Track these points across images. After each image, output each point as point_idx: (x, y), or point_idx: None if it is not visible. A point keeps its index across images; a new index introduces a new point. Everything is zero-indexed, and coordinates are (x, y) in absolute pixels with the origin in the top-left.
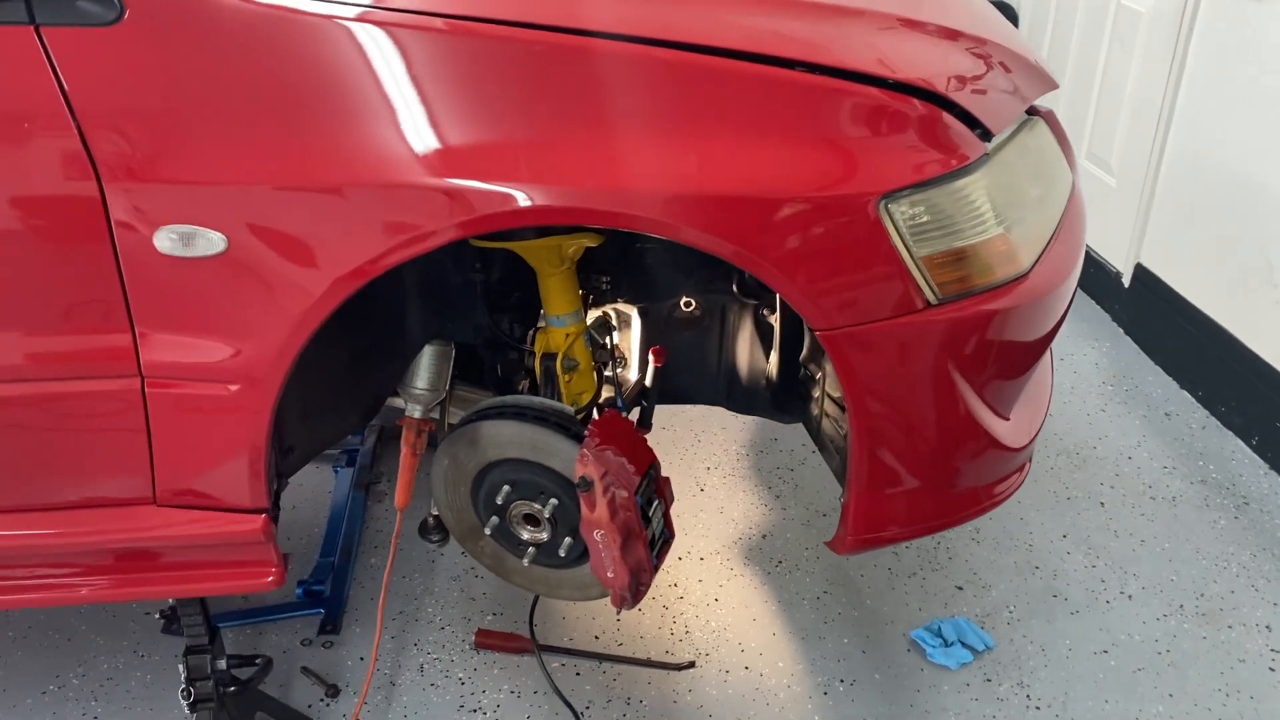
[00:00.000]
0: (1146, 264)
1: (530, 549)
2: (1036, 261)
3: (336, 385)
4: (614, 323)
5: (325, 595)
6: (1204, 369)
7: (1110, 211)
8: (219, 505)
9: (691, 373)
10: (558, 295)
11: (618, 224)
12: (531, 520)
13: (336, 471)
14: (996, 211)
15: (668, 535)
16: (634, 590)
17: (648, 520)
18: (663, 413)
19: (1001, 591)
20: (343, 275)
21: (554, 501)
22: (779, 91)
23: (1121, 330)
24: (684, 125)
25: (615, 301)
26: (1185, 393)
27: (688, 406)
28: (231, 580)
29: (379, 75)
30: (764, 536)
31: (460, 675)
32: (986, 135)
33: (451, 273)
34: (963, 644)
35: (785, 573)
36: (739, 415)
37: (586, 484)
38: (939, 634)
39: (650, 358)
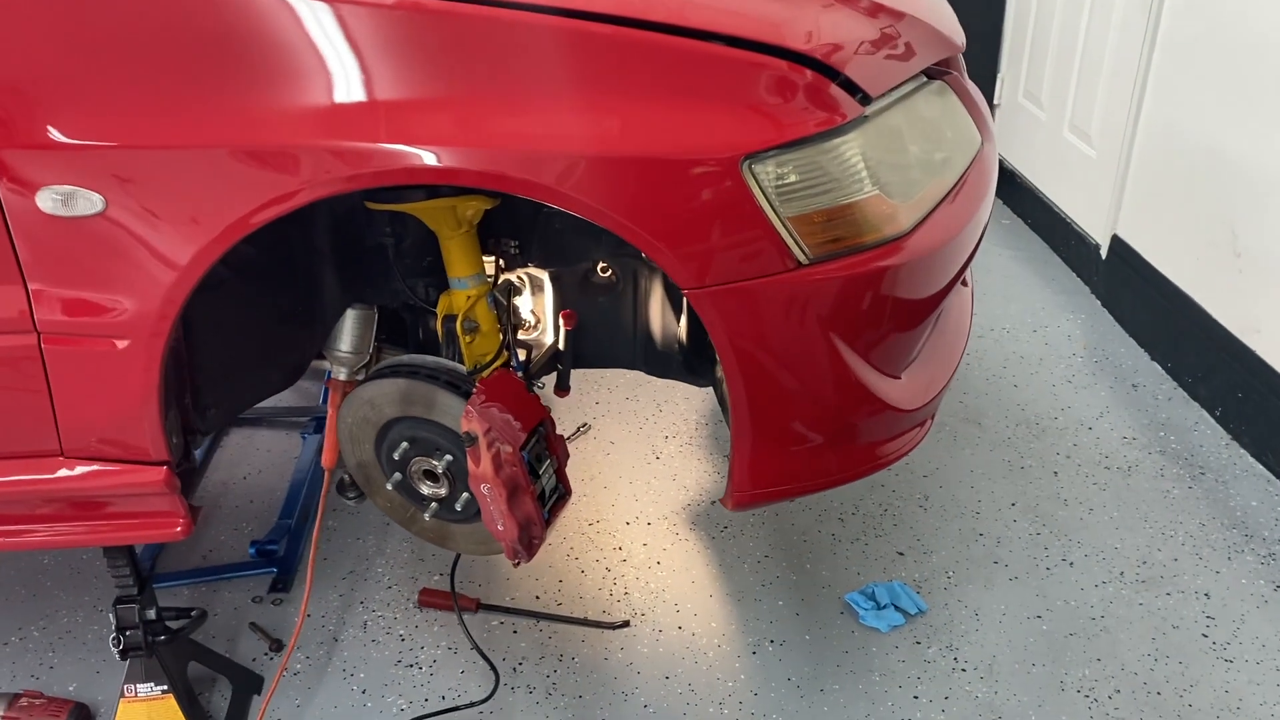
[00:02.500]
0: (1123, 235)
1: (431, 504)
2: (921, 222)
3: (256, 347)
4: (522, 286)
5: (278, 555)
6: (1173, 341)
7: (1090, 183)
8: (121, 458)
9: (608, 337)
10: (458, 257)
11: (483, 184)
12: (431, 476)
13: (304, 438)
14: (872, 172)
15: (562, 491)
16: (525, 543)
17: (536, 475)
18: (628, 383)
19: (942, 557)
20: (214, 234)
21: (449, 457)
22: (644, 55)
23: (1099, 302)
24: (547, 87)
25: (526, 266)
26: (1155, 365)
27: (654, 378)
28: (139, 530)
29: (248, 36)
30: (713, 503)
31: (401, 632)
32: (866, 99)
33: (365, 237)
34: (895, 607)
35: (730, 537)
36: (702, 387)
37: (471, 439)
38: (872, 597)
39: (561, 321)
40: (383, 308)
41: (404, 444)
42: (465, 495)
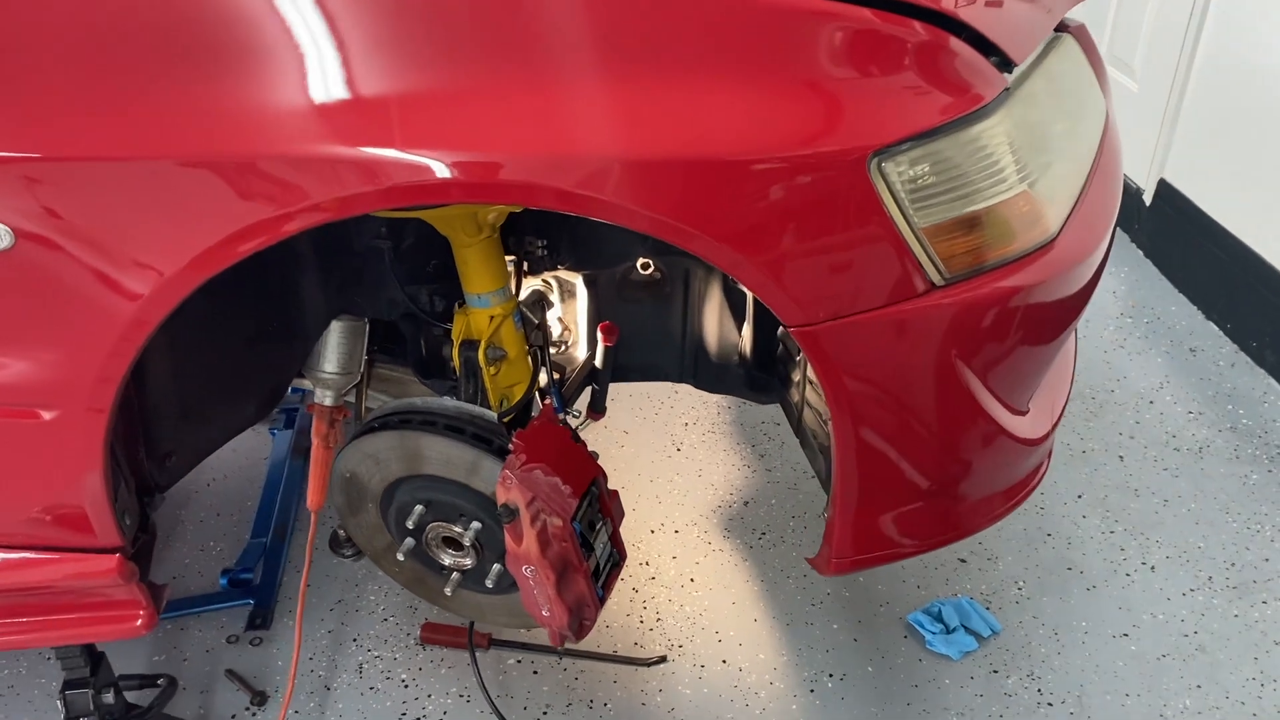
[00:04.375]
0: (1171, 180)
1: (453, 574)
2: (1066, 220)
3: (222, 377)
4: (553, 295)
5: (254, 584)
6: (1233, 298)
7: (1131, 121)
8: (65, 545)
9: (651, 347)
10: (477, 270)
11: (518, 201)
12: (453, 544)
13: (274, 435)
14: (1019, 162)
15: (617, 559)
16: (576, 628)
17: (589, 548)
18: None
19: (1009, 564)
20: (173, 273)
21: (477, 525)
22: (731, 17)
23: (1142, 254)
24: (607, 68)
25: (555, 269)
26: (1212, 324)
27: None
28: (89, 627)
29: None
30: (746, 504)
31: (403, 676)
32: (1006, 65)
33: (354, 240)
34: (966, 629)
35: (769, 546)
36: (765, 404)
37: (510, 512)
38: (939, 618)
39: (600, 336)
40: (376, 319)
41: (419, 507)
42: (497, 567)
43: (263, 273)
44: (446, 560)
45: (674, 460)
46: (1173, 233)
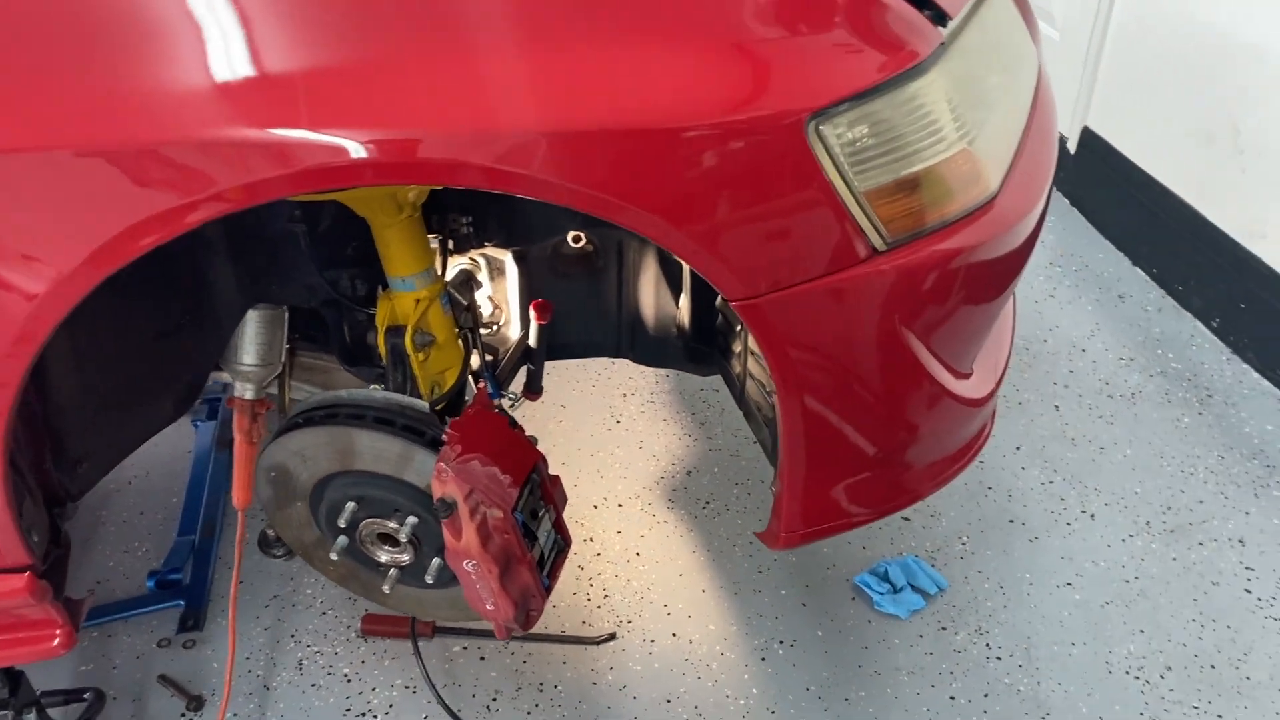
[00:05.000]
0: (1094, 128)
1: (391, 571)
2: (1006, 177)
3: (133, 375)
4: (482, 274)
5: (183, 584)
6: (1158, 244)
7: (1054, 69)
8: None
9: (586, 322)
10: (399, 252)
11: (438, 181)
12: (389, 539)
13: (197, 426)
14: (957, 119)
15: (562, 545)
16: (522, 620)
17: (533, 538)
18: None
19: (953, 520)
20: (69, 270)
21: (413, 520)
22: None
23: (1068, 202)
24: (525, 36)
25: (483, 246)
26: (1139, 270)
27: None
28: (6, 650)
29: None
30: (689, 473)
31: (345, 671)
32: (941, 18)
33: (266, 225)
34: (913, 587)
35: (714, 515)
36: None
37: (448, 507)
38: (886, 578)
39: (533, 314)
40: (296, 306)
41: (350, 504)
42: (437, 561)
43: (170, 263)
44: (383, 557)
45: (614, 433)
46: (1097, 180)
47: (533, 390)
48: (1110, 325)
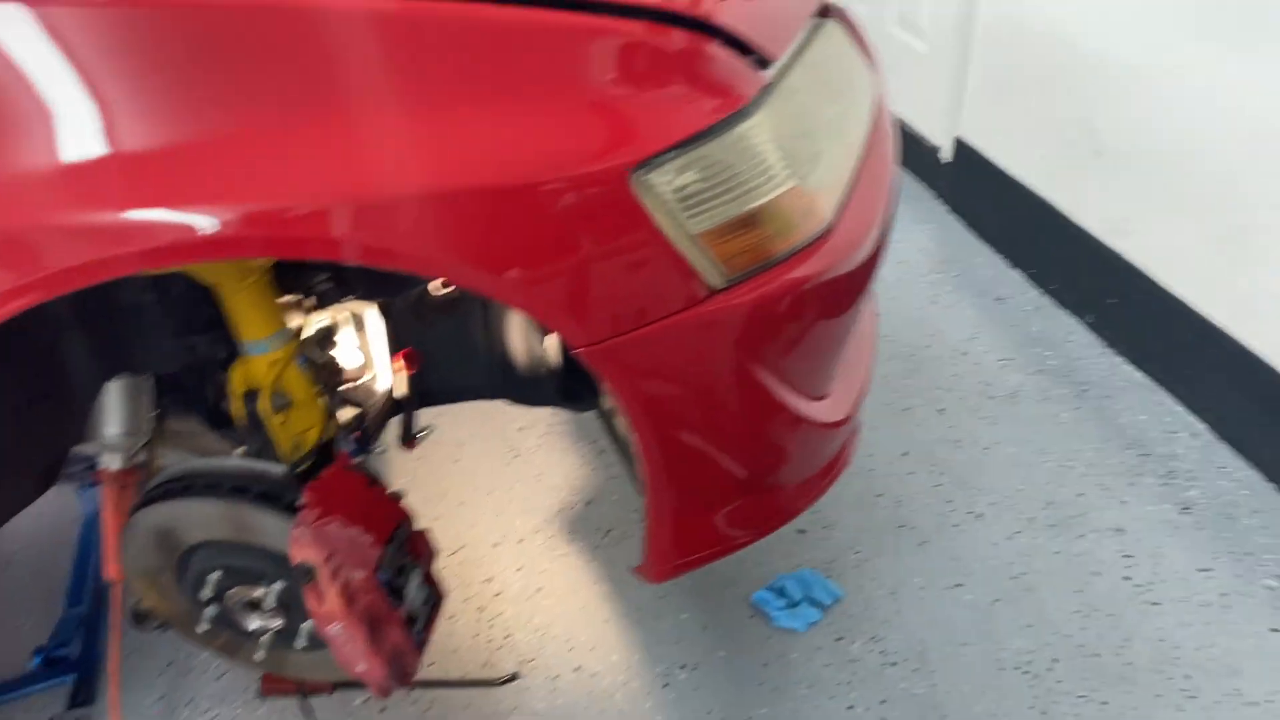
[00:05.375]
0: (965, 138)
1: (263, 637)
2: (842, 207)
3: None
4: (346, 328)
5: (73, 659)
6: (1033, 247)
7: (924, 81)
8: None
9: (457, 367)
10: (249, 317)
11: (266, 252)
12: (258, 606)
13: (81, 493)
14: (787, 156)
15: (435, 599)
16: (398, 677)
17: (400, 596)
18: None
19: (846, 530)
20: None
21: (279, 585)
22: (475, 41)
23: (947, 209)
24: (340, 101)
25: (345, 299)
26: (1016, 272)
27: None
28: None
29: None
30: (588, 503)
31: None
32: (764, 62)
33: (117, 297)
34: (809, 600)
35: (614, 543)
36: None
37: (307, 573)
38: (783, 593)
39: (400, 364)
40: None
41: (215, 574)
42: (310, 624)
43: (21, 339)
44: (254, 624)
45: (513, 467)
46: (972, 188)
47: (407, 441)
48: (991, 327)
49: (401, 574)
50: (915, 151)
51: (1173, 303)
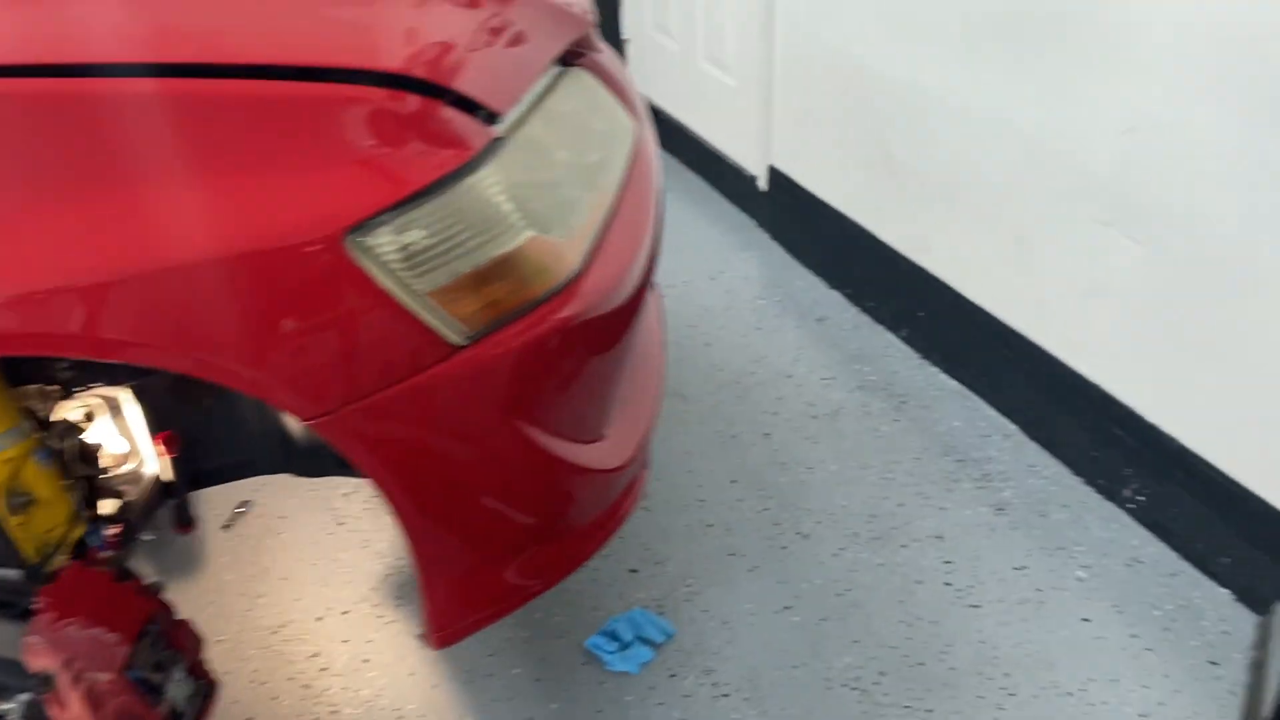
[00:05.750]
0: (778, 165)
1: None
2: (594, 250)
3: None
4: (100, 415)
5: None
6: (848, 267)
7: (736, 114)
8: None
9: (228, 445)
10: None
11: None
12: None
13: None
14: (523, 208)
15: (206, 689)
16: None
17: (158, 692)
18: None
19: (678, 563)
20: None
21: (25, 698)
22: (180, 113)
23: (769, 236)
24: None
25: (93, 386)
26: (836, 293)
27: None
28: None
29: None
30: None
31: None
32: (492, 117)
33: None
34: (641, 640)
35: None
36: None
37: (45, 682)
38: (615, 636)
39: (160, 448)
40: None
41: None
42: None
43: None
44: None
45: (337, 536)
46: (788, 214)
47: (182, 523)
48: (813, 348)
49: (160, 669)
50: (735, 182)
51: (974, 311)
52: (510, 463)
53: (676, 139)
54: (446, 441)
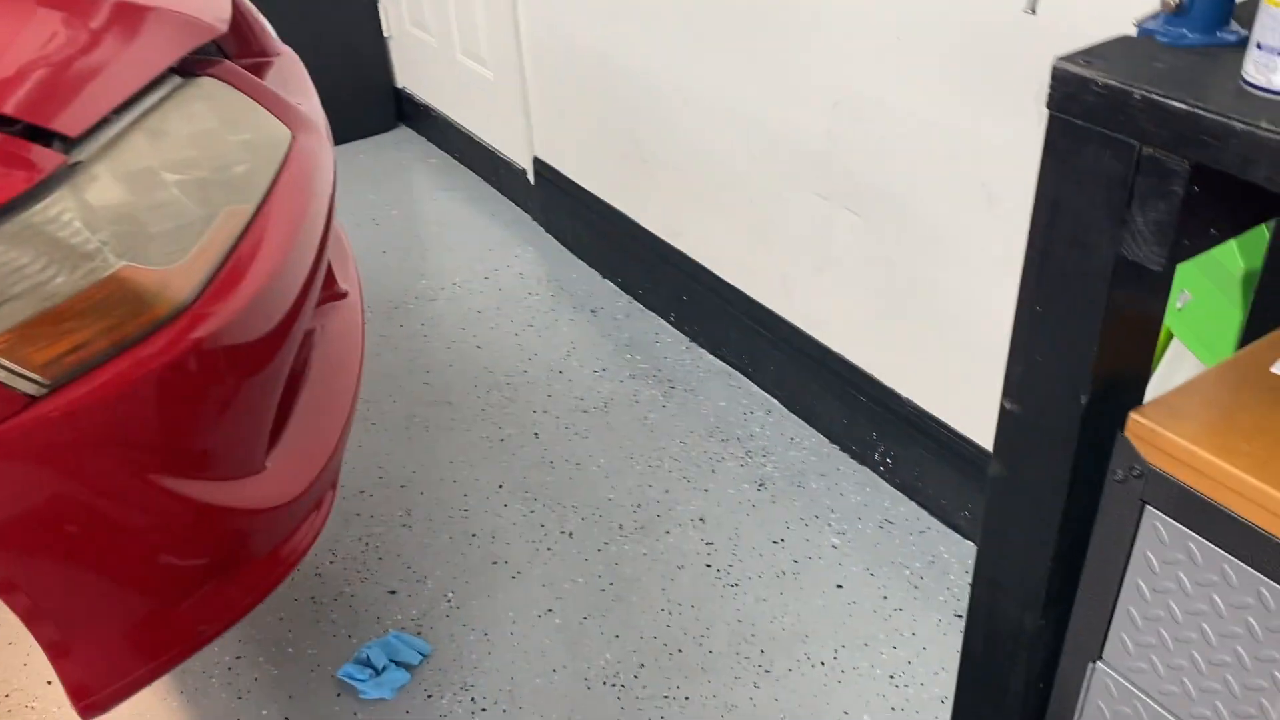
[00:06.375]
0: (542, 156)
1: None
2: (213, 277)
3: None
4: None
5: None
6: (616, 255)
7: (498, 106)
8: None
9: None
10: None
11: None
12: None
13: None
14: (110, 237)
15: None
16: None
17: None
18: None
19: (438, 578)
20: None
21: None
22: None
23: (542, 229)
24: None
25: None
26: (608, 283)
27: None
28: None
29: None
30: None
31: None
32: (64, 141)
33: None
34: (396, 663)
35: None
36: None
37: None
38: (368, 663)
39: None
40: None
41: None
42: None
43: None
44: None
45: None
46: (557, 205)
47: None
48: (585, 341)
49: None
50: (508, 175)
51: (729, 292)
52: (133, 514)
53: (447, 135)
54: (32, 510)
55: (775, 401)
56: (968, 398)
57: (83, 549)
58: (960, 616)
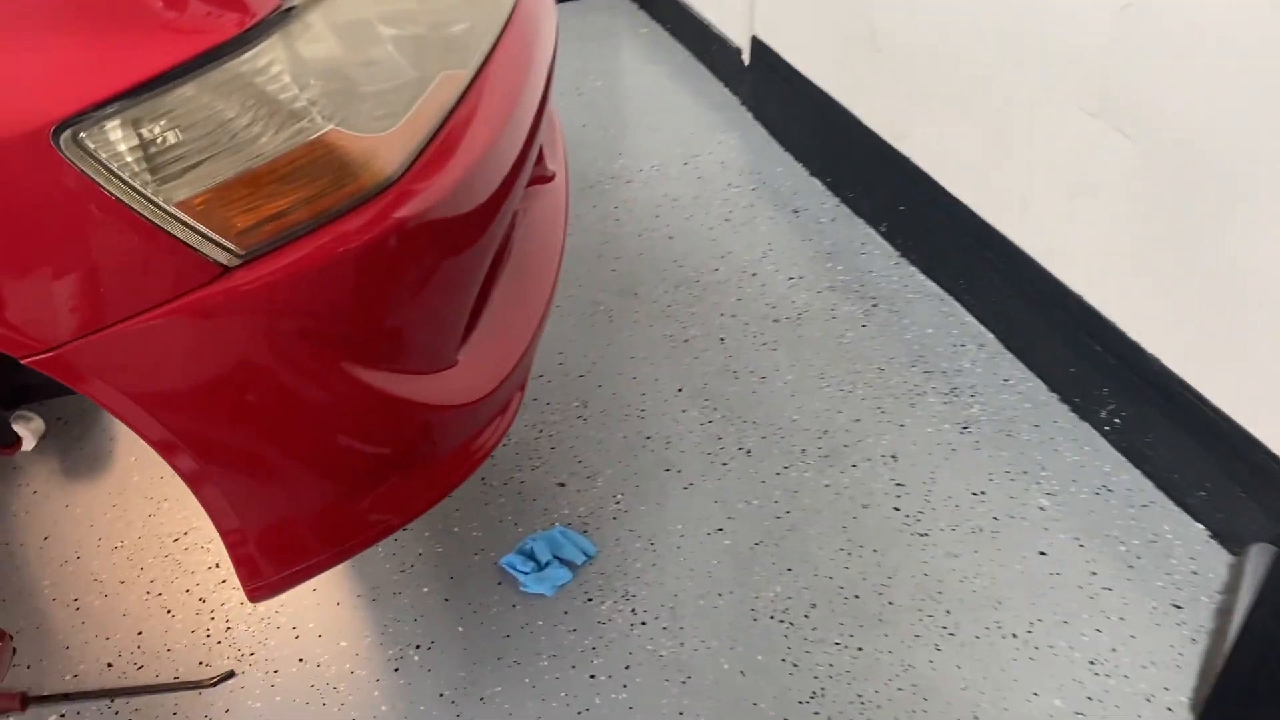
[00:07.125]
0: (761, 36)
1: None
2: (421, 152)
3: None
4: None
5: None
6: (828, 152)
7: None
8: None
9: None
10: None
11: None
12: None
13: None
14: (318, 96)
15: None
16: None
17: None
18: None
19: (609, 479)
20: None
21: None
22: None
23: (751, 115)
24: None
25: None
26: (816, 181)
27: None
28: None
29: None
30: None
31: None
32: None
33: None
34: (560, 560)
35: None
36: None
37: None
38: (531, 555)
39: None
40: None
41: None
42: None
43: None
44: None
45: None
46: (770, 90)
47: (3, 444)
48: (784, 243)
49: None
50: (721, 54)
51: (955, 207)
52: (322, 400)
53: (662, 4)
54: (212, 376)
55: (991, 336)
56: (1237, 370)
57: (277, 432)
58: (1179, 607)
